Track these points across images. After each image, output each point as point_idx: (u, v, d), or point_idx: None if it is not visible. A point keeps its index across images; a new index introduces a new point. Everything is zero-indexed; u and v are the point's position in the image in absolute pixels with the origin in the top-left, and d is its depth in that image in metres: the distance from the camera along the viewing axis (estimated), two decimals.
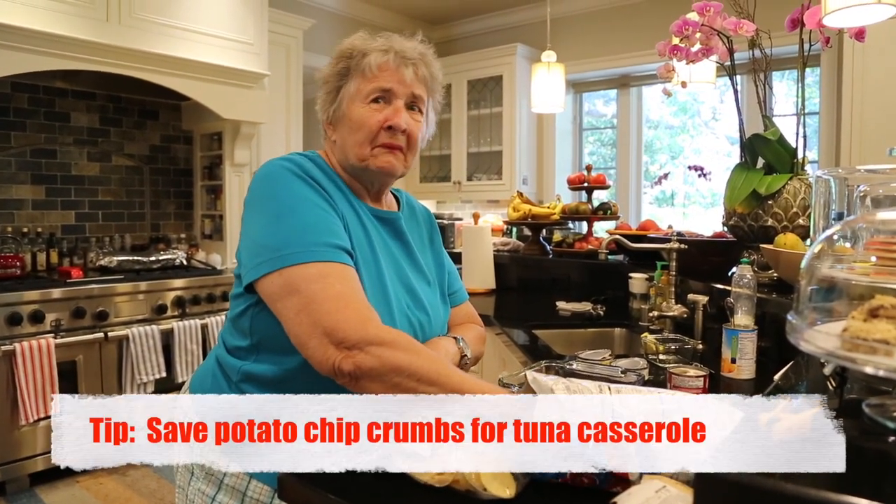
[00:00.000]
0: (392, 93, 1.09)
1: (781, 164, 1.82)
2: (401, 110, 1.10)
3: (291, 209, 1.00)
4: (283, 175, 1.04)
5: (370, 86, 1.08)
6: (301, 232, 0.97)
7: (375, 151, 1.10)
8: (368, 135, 1.09)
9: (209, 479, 1.09)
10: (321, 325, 0.91)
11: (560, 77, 3.46)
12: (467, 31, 5.43)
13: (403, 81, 1.09)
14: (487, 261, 3.17)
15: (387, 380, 0.90)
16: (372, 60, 1.08)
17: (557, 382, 0.90)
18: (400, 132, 1.10)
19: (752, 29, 1.78)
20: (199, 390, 1.15)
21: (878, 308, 0.63)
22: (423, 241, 1.28)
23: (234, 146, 3.83)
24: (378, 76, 1.08)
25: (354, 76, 1.10)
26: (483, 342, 1.29)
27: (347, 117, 1.10)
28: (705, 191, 4.71)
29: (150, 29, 3.23)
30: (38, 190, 3.55)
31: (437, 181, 5.28)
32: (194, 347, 3.31)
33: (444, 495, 0.86)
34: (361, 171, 1.13)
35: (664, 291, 2.06)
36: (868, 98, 2.97)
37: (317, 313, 0.91)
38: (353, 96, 1.10)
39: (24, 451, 2.85)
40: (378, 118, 1.08)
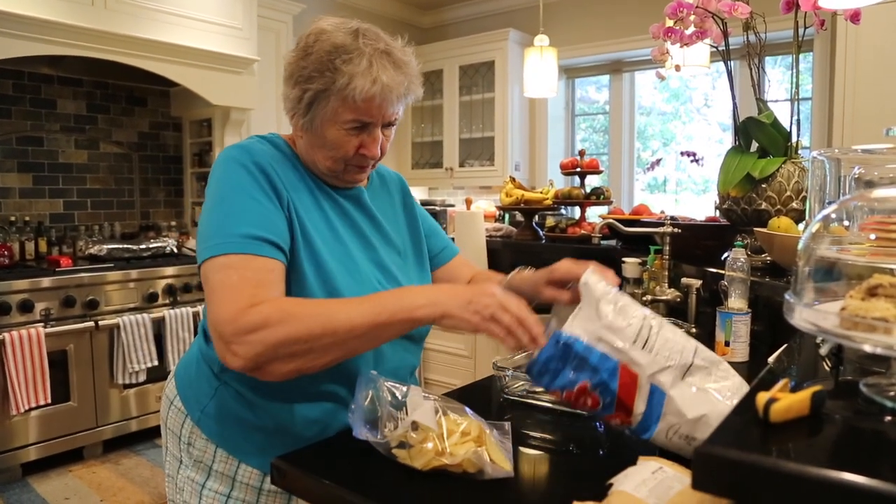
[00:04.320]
0: (372, 124, 1.04)
1: (775, 148, 1.82)
2: (378, 139, 1.06)
3: (222, 199, 0.99)
4: (228, 164, 1.02)
5: (350, 115, 1.01)
6: (222, 223, 0.96)
7: (347, 168, 1.07)
8: (343, 156, 1.05)
9: (198, 466, 1.09)
10: (210, 319, 0.90)
11: (553, 61, 3.44)
12: (459, 16, 5.38)
13: (384, 114, 1.04)
14: (480, 246, 3.16)
15: (279, 356, 0.88)
16: (357, 91, 0.98)
17: (607, 294, 0.90)
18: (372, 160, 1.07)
19: (746, 11, 1.76)
20: (184, 378, 1.15)
21: (876, 287, 0.63)
22: (396, 209, 1.24)
23: (224, 133, 3.79)
24: (360, 108, 1.00)
25: (334, 99, 1.00)
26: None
27: (321, 135, 1.04)
28: (697, 177, 4.71)
29: (138, 13, 3.19)
30: (26, 178, 3.50)
31: (429, 167, 5.25)
32: (186, 335, 3.29)
33: (437, 479, 0.86)
34: (327, 177, 1.10)
35: (657, 276, 2.05)
36: (861, 82, 2.97)
37: (209, 306, 0.91)
38: (330, 118, 1.02)
39: (15, 442, 2.83)
40: (354, 144, 1.04)
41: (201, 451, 1.08)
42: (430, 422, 0.89)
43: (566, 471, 0.90)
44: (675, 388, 0.85)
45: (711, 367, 0.88)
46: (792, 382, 0.64)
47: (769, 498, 0.50)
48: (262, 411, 1.05)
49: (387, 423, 0.92)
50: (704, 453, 0.53)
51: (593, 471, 0.86)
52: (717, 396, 0.85)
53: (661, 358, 0.85)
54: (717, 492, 0.53)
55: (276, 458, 0.94)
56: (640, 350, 0.85)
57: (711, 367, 0.88)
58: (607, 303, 0.89)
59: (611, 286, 0.93)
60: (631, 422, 0.86)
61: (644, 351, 0.86)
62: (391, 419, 0.93)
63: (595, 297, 0.89)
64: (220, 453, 1.07)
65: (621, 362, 0.85)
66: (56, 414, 2.95)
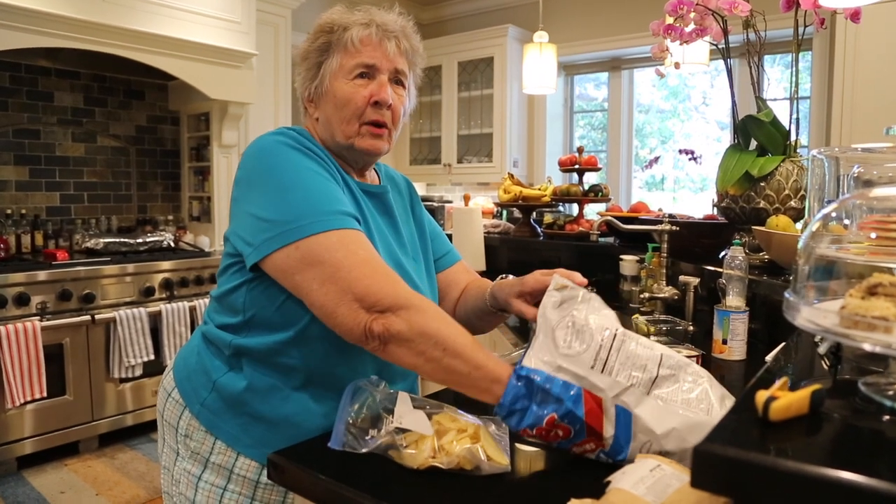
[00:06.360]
0: (376, 68, 1.08)
1: (774, 146, 1.82)
2: (385, 85, 1.08)
3: (295, 180, 0.98)
4: (279, 148, 1.02)
5: (353, 61, 1.07)
6: (310, 202, 0.96)
7: (363, 130, 1.09)
8: (355, 111, 1.07)
9: (194, 458, 1.08)
10: (351, 291, 0.90)
11: (552, 58, 3.44)
12: (458, 12, 5.37)
13: (386, 56, 1.08)
14: (478, 243, 3.16)
15: (413, 346, 0.90)
16: (354, 35, 1.06)
17: (563, 318, 0.88)
18: (386, 107, 1.09)
19: (746, 9, 1.76)
20: (183, 371, 1.14)
21: (876, 285, 0.62)
22: (407, 211, 1.26)
23: (222, 127, 3.78)
24: (361, 51, 1.07)
25: (336, 51, 1.08)
26: None
27: (331, 94, 1.08)
28: (695, 175, 4.71)
29: (136, 6, 3.17)
30: (22, 171, 3.49)
31: (427, 163, 5.25)
32: (182, 330, 3.28)
33: (434, 475, 0.86)
34: (346, 150, 1.11)
35: (655, 273, 2.05)
36: (860, 81, 2.97)
37: (345, 280, 0.90)
38: (336, 72, 1.08)
39: (11, 435, 2.83)
40: (363, 94, 1.07)
41: (199, 443, 1.08)
42: (423, 428, 0.89)
43: (564, 467, 0.90)
44: (640, 407, 0.83)
45: (679, 372, 0.86)
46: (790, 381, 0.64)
47: (768, 496, 0.50)
48: (266, 402, 1.04)
49: (376, 432, 0.92)
50: (703, 451, 0.53)
51: (591, 468, 0.86)
52: (684, 409, 0.83)
53: (622, 378, 0.84)
54: (716, 490, 0.53)
55: (273, 453, 0.94)
56: (599, 374, 0.84)
57: (679, 372, 0.86)
58: (563, 328, 0.87)
59: (576, 290, 0.92)
60: (604, 445, 0.85)
61: (604, 375, 0.84)
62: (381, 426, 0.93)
63: (550, 325, 0.88)
64: (219, 445, 1.06)
65: (584, 388, 0.84)
66: (52, 408, 2.95)
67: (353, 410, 0.94)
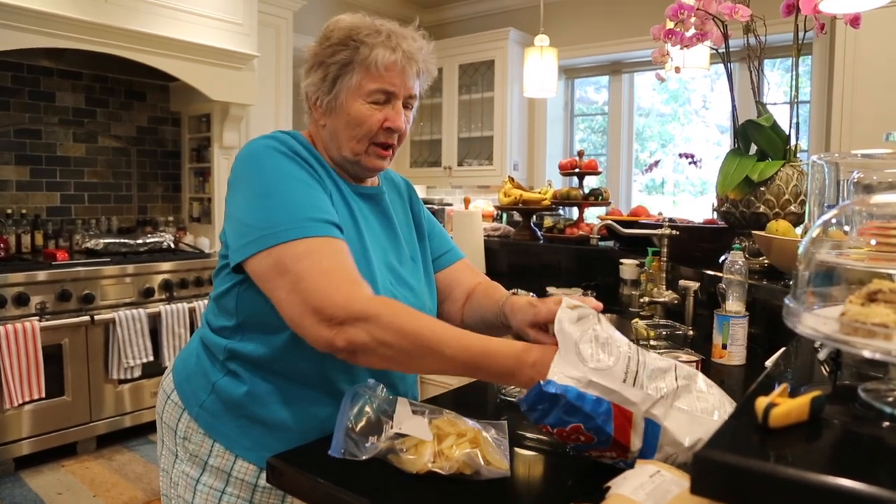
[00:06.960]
0: (394, 95, 1.07)
1: (774, 151, 1.82)
2: (401, 112, 1.08)
3: (277, 186, 0.98)
4: (268, 153, 1.02)
5: (374, 85, 1.05)
6: (287, 209, 0.96)
7: (370, 150, 1.09)
8: (367, 133, 1.07)
9: (193, 460, 1.08)
10: (310, 302, 0.90)
11: (553, 61, 3.44)
12: (459, 15, 5.38)
13: (406, 84, 1.08)
14: (478, 246, 3.16)
15: (381, 352, 0.90)
16: (379, 58, 1.03)
17: (585, 332, 0.86)
18: (396, 132, 1.09)
19: (747, 14, 1.76)
20: (182, 373, 1.14)
21: (876, 292, 0.62)
22: (406, 212, 1.26)
23: (223, 128, 3.78)
24: (384, 76, 1.05)
25: (357, 70, 1.05)
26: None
27: (345, 111, 1.07)
28: (695, 179, 4.71)
29: (139, 7, 3.17)
30: (23, 171, 3.49)
31: (428, 166, 5.25)
32: (182, 331, 3.28)
33: (433, 479, 0.85)
34: (349, 164, 1.11)
35: (655, 277, 2.06)
36: (859, 86, 2.97)
37: (305, 292, 0.90)
38: (354, 91, 1.05)
39: (8, 436, 2.82)
40: (378, 117, 1.07)
41: (197, 446, 1.08)
42: (423, 433, 0.89)
43: (563, 473, 0.90)
44: (668, 419, 0.82)
45: (690, 383, 0.86)
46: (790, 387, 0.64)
47: (768, 503, 0.50)
48: (264, 406, 1.04)
49: (376, 438, 0.92)
50: (704, 458, 0.53)
51: (591, 473, 0.86)
52: (709, 417, 0.83)
53: (651, 390, 0.83)
54: (716, 496, 0.53)
55: (272, 456, 0.94)
56: (630, 388, 0.82)
57: (690, 383, 0.86)
58: (586, 342, 0.85)
59: (587, 309, 0.89)
60: (627, 457, 0.84)
61: (636, 388, 0.82)
62: (381, 432, 0.93)
63: (573, 339, 0.85)
64: (217, 448, 1.06)
65: (614, 403, 0.82)
66: (50, 408, 2.94)
67: (351, 416, 0.94)
